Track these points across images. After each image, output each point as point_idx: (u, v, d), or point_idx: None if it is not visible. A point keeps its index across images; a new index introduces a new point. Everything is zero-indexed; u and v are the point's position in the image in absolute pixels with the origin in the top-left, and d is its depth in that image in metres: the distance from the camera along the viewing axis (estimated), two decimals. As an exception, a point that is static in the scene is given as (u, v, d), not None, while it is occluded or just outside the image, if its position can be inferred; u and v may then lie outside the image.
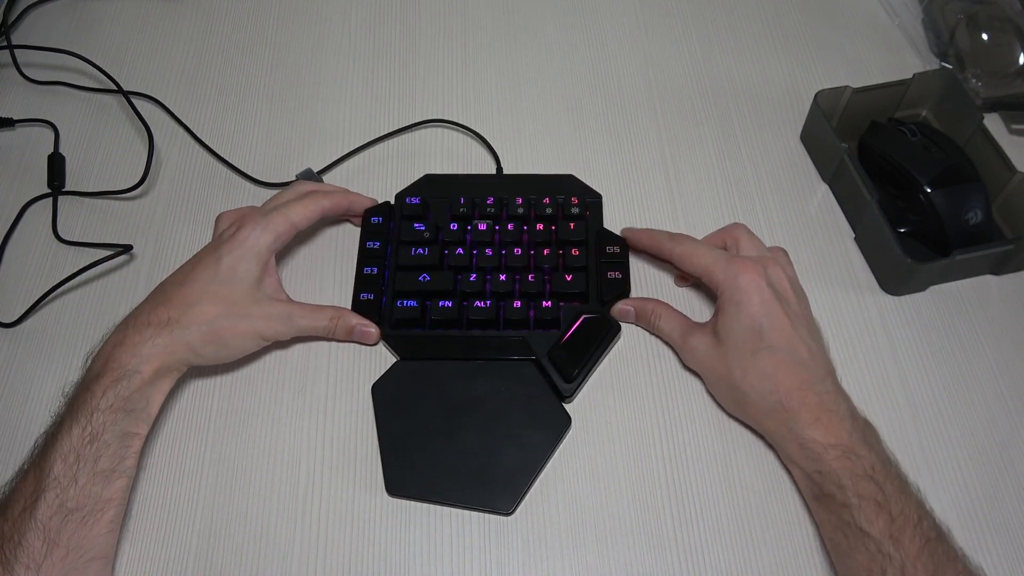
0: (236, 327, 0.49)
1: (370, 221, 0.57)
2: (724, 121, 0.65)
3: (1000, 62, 0.64)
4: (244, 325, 0.49)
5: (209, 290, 0.48)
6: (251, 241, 0.50)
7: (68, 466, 0.42)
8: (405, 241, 0.56)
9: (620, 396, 0.52)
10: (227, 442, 0.51)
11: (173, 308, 0.47)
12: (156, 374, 0.46)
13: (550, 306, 0.53)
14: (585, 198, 0.58)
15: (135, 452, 0.45)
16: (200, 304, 0.48)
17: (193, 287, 0.48)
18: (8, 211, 0.61)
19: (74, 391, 0.45)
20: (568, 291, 0.53)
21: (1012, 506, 0.48)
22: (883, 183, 0.58)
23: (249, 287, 0.50)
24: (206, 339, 0.48)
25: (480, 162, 0.63)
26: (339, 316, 0.53)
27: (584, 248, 0.55)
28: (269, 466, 0.50)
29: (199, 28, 0.71)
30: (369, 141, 0.64)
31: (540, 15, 0.72)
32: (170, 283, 0.50)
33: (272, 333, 0.51)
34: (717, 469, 0.49)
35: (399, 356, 0.53)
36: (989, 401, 0.52)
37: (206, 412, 0.52)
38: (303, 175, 0.61)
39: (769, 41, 0.70)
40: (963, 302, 0.56)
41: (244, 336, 0.49)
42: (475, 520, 0.48)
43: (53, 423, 0.45)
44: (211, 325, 0.48)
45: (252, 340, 0.50)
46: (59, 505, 0.41)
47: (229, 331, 0.48)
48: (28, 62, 0.68)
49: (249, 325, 0.49)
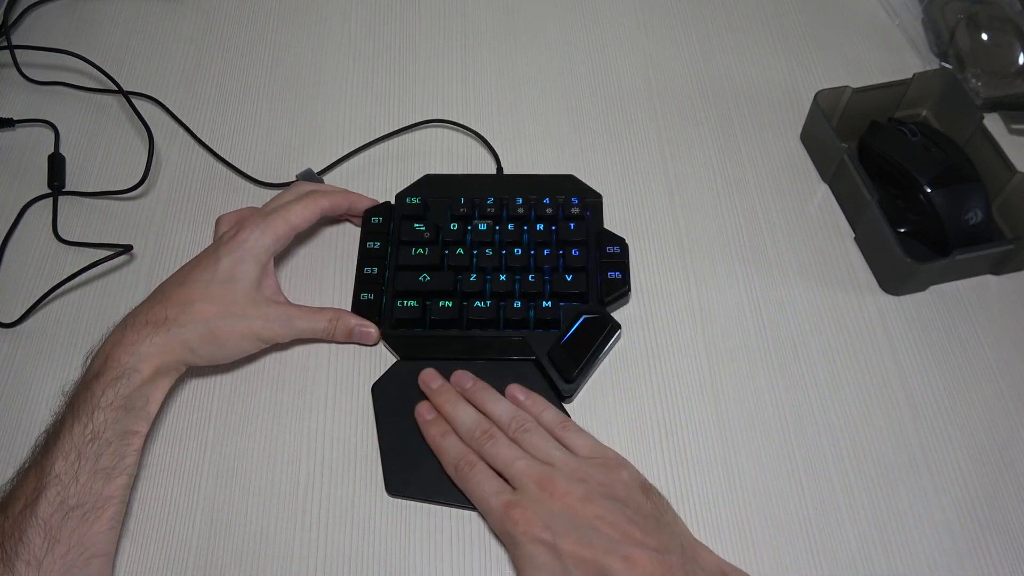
0: (234, 328, 0.49)
1: (370, 221, 0.57)
2: (724, 121, 0.65)
3: (1000, 62, 0.64)
4: (241, 326, 0.49)
5: (208, 291, 0.48)
6: (250, 243, 0.50)
7: (69, 464, 0.42)
8: (405, 241, 0.56)
9: (620, 396, 0.52)
10: (227, 442, 0.51)
11: (171, 307, 0.47)
12: (155, 373, 0.46)
13: (550, 306, 0.53)
14: (585, 198, 0.58)
15: (135, 450, 0.45)
16: (198, 304, 0.48)
17: (192, 287, 0.48)
18: (8, 211, 0.61)
19: (74, 390, 0.45)
20: (568, 291, 0.53)
21: (1012, 506, 0.48)
22: (883, 183, 0.58)
23: (247, 288, 0.50)
24: (203, 339, 0.48)
25: (480, 162, 0.63)
26: (338, 318, 0.53)
27: (584, 248, 0.55)
28: (269, 466, 0.50)
29: (199, 28, 0.71)
30: (369, 141, 0.64)
31: (540, 15, 0.72)
32: (169, 283, 0.50)
33: (270, 335, 0.51)
34: (717, 469, 0.49)
35: (399, 356, 0.53)
36: (989, 401, 0.52)
37: (206, 412, 0.52)
38: (303, 175, 0.61)
39: (769, 41, 0.70)
40: (963, 302, 0.56)
41: (241, 337, 0.49)
42: (475, 520, 0.48)
43: (54, 421, 0.45)
44: (208, 325, 0.48)
45: (250, 342, 0.50)
46: (60, 502, 0.41)
47: (226, 331, 0.48)
48: (28, 62, 0.68)
49: (246, 326, 0.49)
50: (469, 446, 0.47)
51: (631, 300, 0.56)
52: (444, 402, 0.49)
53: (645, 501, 0.44)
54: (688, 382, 0.53)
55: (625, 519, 0.42)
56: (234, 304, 0.49)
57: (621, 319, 0.54)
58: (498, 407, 0.48)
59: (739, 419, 0.51)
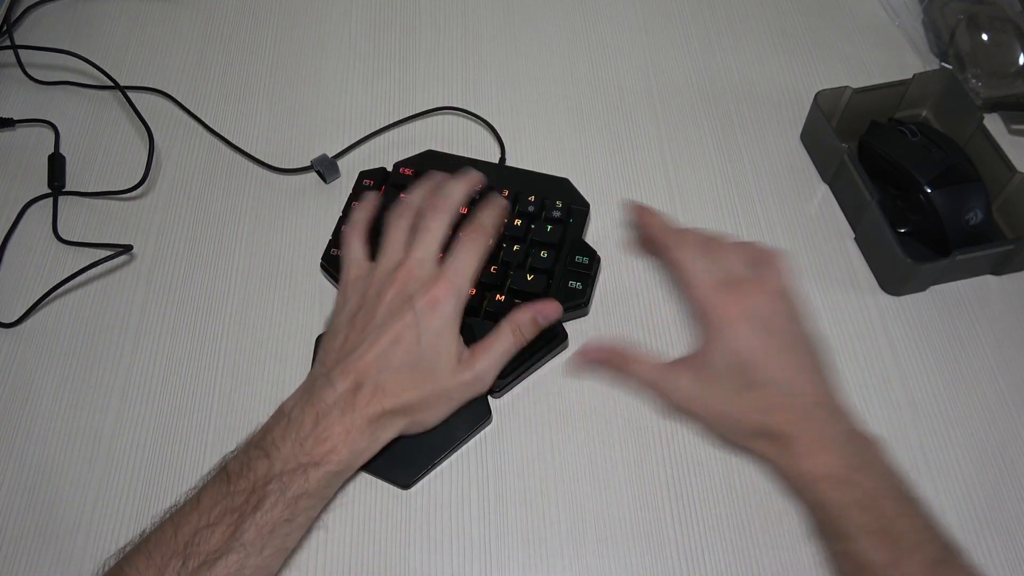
0: (439, 412, 0.48)
1: (362, 183, 0.59)
2: (724, 121, 0.65)
3: (1000, 62, 0.64)
4: (445, 409, 0.48)
5: (415, 375, 0.46)
6: (449, 312, 0.47)
7: (261, 536, 0.41)
8: (386, 207, 0.55)
9: (620, 396, 0.52)
10: (227, 442, 0.51)
11: (387, 399, 0.45)
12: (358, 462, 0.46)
13: (503, 301, 0.53)
14: (571, 205, 0.58)
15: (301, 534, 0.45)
16: (407, 392, 0.46)
17: (401, 374, 0.46)
18: (8, 211, 0.61)
19: (283, 464, 0.43)
20: (525, 289, 0.53)
21: (1012, 506, 0.48)
22: (883, 183, 0.58)
23: (450, 364, 0.47)
24: (411, 426, 0.47)
25: (488, 155, 0.63)
26: (516, 325, 0.49)
27: (554, 252, 0.55)
28: (269, 466, 0.50)
29: (199, 27, 0.72)
30: (382, 127, 0.64)
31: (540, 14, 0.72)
32: (372, 362, 0.46)
33: (469, 397, 0.49)
34: (717, 469, 0.49)
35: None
36: (989, 401, 0.52)
37: (206, 412, 0.52)
38: (317, 161, 0.61)
39: (769, 41, 0.70)
40: (963, 302, 0.56)
41: (444, 415, 0.49)
42: (475, 520, 0.48)
43: (253, 481, 0.42)
44: (416, 416, 0.47)
45: (449, 412, 0.49)
46: (237, 569, 0.41)
47: (433, 416, 0.48)
48: (28, 62, 0.68)
49: (448, 408, 0.48)
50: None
51: (590, 314, 0.55)
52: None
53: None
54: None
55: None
56: (437, 384, 0.47)
57: (580, 331, 0.54)
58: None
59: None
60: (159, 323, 0.56)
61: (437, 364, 0.46)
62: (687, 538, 0.47)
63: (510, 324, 0.49)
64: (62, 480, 0.50)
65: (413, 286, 0.47)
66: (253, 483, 0.42)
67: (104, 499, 0.49)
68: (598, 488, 0.49)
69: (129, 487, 0.49)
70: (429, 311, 0.46)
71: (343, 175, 0.62)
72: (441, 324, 0.46)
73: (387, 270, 0.48)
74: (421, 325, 0.46)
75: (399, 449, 0.48)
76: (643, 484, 0.49)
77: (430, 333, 0.46)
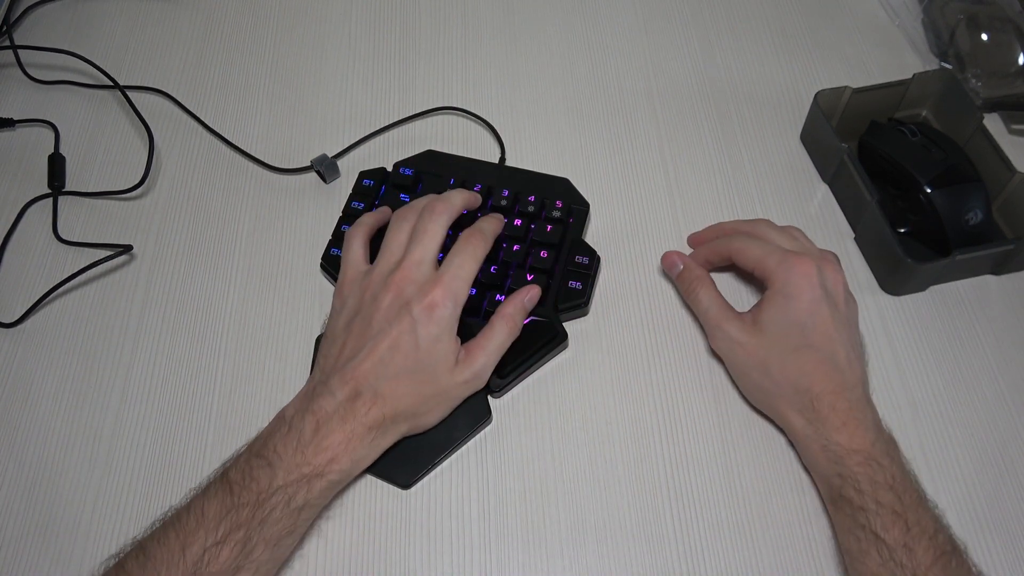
0: (437, 413, 0.49)
1: (362, 183, 0.59)
2: (724, 121, 0.65)
3: (1000, 62, 0.64)
4: (443, 409, 0.49)
5: (414, 380, 0.47)
6: (446, 316, 0.46)
7: (268, 550, 0.42)
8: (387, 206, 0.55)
9: (621, 395, 0.52)
10: (227, 442, 0.51)
11: (386, 406, 0.46)
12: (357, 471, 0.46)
13: (502, 300, 0.53)
14: (572, 204, 0.58)
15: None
16: (406, 399, 0.47)
17: (400, 381, 0.46)
18: (8, 211, 0.61)
19: (287, 474, 0.43)
20: None
21: (1012, 506, 0.48)
22: (883, 183, 0.58)
23: (448, 366, 0.47)
24: (411, 429, 0.48)
25: (488, 155, 0.63)
26: (508, 318, 0.50)
27: (554, 252, 0.55)
28: (269, 466, 0.50)
29: (199, 27, 0.72)
30: (382, 127, 0.64)
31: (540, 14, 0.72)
32: (371, 370, 0.46)
33: (467, 395, 0.49)
34: (717, 469, 0.49)
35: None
36: (989, 401, 0.52)
37: (206, 412, 0.52)
38: (317, 161, 0.61)
39: (769, 41, 0.70)
40: (963, 302, 0.56)
41: (442, 414, 0.49)
42: (475, 520, 0.48)
43: (257, 494, 0.42)
44: (417, 419, 0.48)
45: (448, 411, 0.50)
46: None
47: (432, 417, 0.49)
48: (28, 62, 0.68)
49: (447, 407, 0.49)
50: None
51: (590, 314, 0.55)
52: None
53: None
54: (689, 382, 0.53)
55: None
56: (436, 386, 0.47)
57: (580, 331, 0.54)
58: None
59: (739, 419, 0.51)
60: (159, 323, 0.56)
61: (435, 368, 0.46)
62: (687, 538, 0.47)
63: (500, 317, 0.49)
64: (62, 480, 0.50)
65: (410, 290, 0.46)
66: (257, 495, 0.42)
67: (104, 499, 0.49)
68: (598, 488, 0.49)
69: (129, 487, 0.49)
70: (426, 316, 0.46)
71: (343, 175, 0.62)
72: (439, 329, 0.46)
73: (385, 272, 0.48)
74: (419, 330, 0.45)
75: (399, 449, 0.48)
76: (643, 484, 0.49)
77: (428, 338, 0.46)
